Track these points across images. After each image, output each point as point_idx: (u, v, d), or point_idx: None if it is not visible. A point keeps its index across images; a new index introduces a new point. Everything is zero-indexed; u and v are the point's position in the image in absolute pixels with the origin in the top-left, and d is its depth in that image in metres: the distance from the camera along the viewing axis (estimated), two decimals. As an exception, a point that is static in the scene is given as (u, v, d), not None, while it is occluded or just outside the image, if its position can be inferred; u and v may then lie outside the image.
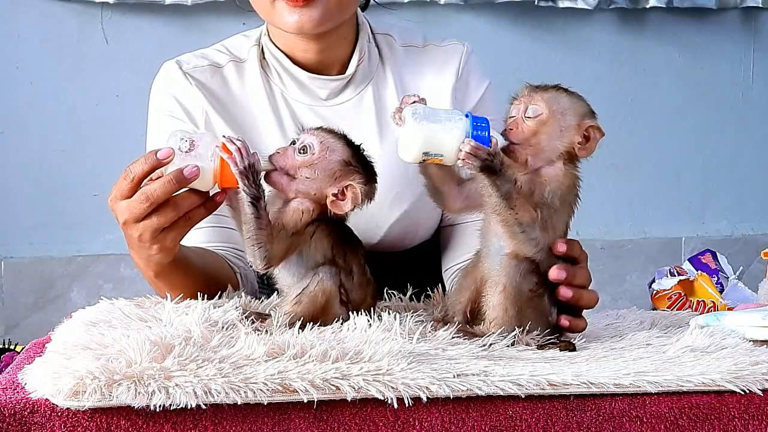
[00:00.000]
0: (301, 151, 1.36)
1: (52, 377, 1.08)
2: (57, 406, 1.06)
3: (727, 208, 3.70)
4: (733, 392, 1.17)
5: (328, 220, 1.36)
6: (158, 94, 1.71)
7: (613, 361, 1.24)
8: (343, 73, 1.70)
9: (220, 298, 1.48)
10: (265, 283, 1.58)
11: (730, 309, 1.83)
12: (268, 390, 1.08)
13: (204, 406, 1.07)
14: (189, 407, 1.06)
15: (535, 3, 3.42)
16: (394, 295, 1.58)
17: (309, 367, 1.12)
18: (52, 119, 3.24)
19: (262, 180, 1.34)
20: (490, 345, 1.27)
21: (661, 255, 3.58)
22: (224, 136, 1.34)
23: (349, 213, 1.37)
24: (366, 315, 1.32)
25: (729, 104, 3.66)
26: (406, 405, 1.10)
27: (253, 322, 1.33)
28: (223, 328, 1.29)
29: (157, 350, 1.13)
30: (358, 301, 1.38)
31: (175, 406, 1.06)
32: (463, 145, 1.29)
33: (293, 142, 1.38)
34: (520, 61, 3.44)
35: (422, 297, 1.59)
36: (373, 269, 1.41)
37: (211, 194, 1.37)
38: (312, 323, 1.31)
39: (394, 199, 1.67)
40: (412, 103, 1.35)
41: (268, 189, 1.36)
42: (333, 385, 1.10)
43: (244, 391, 1.08)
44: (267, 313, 1.39)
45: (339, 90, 1.70)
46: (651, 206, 3.66)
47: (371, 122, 1.70)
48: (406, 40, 1.77)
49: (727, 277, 2.42)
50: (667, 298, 2.19)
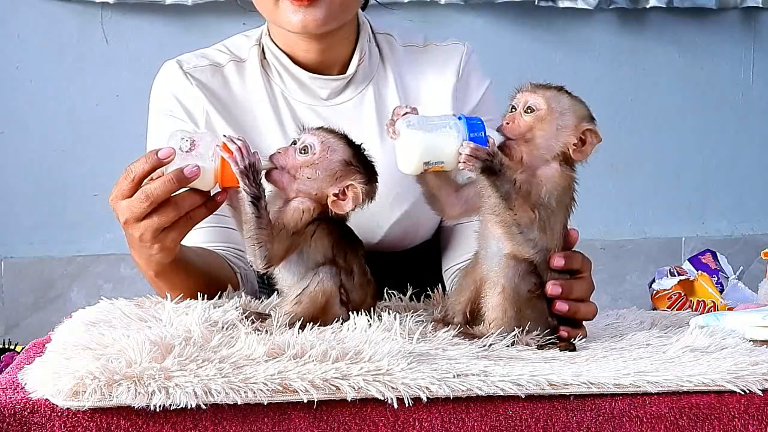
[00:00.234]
0: (302, 151, 1.36)
1: (52, 377, 1.08)
2: (57, 406, 1.06)
3: (727, 208, 3.70)
4: (733, 392, 1.17)
5: (328, 219, 1.36)
6: (159, 94, 1.71)
7: (613, 361, 1.24)
8: (344, 72, 1.70)
9: (220, 298, 1.48)
10: (265, 283, 1.58)
11: (730, 309, 1.83)
12: (268, 390, 1.08)
13: (204, 406, 1.07)
14: (189, 407, 1.06)
15: (535, 3, 3.42)
16: (394, 295, 1.58)
17: (309, 367, 1.12)
18: (52, 119, 3.24)
19: (263, 179, 1.34)
20: (490, 345, 1.27)
21: (661, 255, 3.57)
22: (225, 135, 1.34)
23: (349, 213, 1.37)
24: (366, 315, 1.32)
25: (729, 104, 3.66)
26: (406, 405, 1.10)
27: (253, 322, 1.33)
28: (223, 328, 1.28)
29: (157, 350, 1.13)
30: (359, 301, 1.38)
31: (175, 406, 1.06)
32: (462, 148, 1.29)
33: (294, 142, 1.38)
34: (520, 61, 3.44)
35: (422, 297, 1.59)
36: (374, 269, 1.41)
37: (211, 194, 1.37)
38: (312, 323, 1.31)
39: (395, 199, 1.66)
40: (404, 115, 1.35)
41: (269, 188, 1.36)
42: (333, 385, 1.10)
43: (244, 391, 1.08)
44: (267, 313, 1.39)
45: (340, 90, 1.70)
46: (651, 206, 3.66)
47: (372, 122, 1.70)
48: (407, 40, 1.77)
49: (727, 277, 2.43)
50: (667, 298, 2.19)
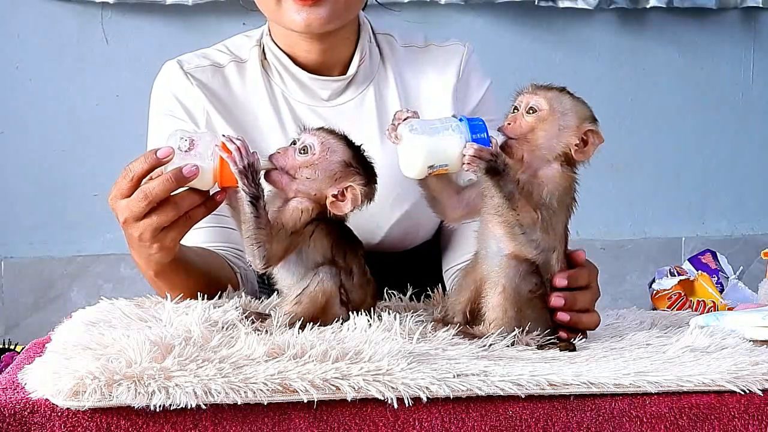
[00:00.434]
0: (302, 152, 1.36)
1: (52, 377, 1.08)
2: (57, 406, 1.06)
3: (727, 208, 3.70)
4: (733, 392, 1.17)
5: (327, 220, 1.36)
6: (159, 94, 1.71)
7: (613, 361, 1.24)
8: (345, 73, 1.70)
9: (220, 298, 1.48)
10: (265, 283, 1.58)
11: (730, 309, 1.83)
12: (268, 390, 1.08)
13: (204, 406, 1.07)
14: (189, 407, 1.06)
15: (535, 3, 3.42)
16: (394, 295, 1.58)
17: (309, 367, 1.12)
18: (52, 119, 3.24)
19: (262, 179, 1.34)
20: (490, 345, 1.27)
21: (661, 255, 3.57)
22: (224, 135, 1.34)
23: (348, 214, 1.37)
24: (366, 315, 1.32)
25: (729, 104, 3.66)
26: (406, 405, 1.10)
27: (253, 322, 1.33)
28: (223, 328, 1.28)
29: (157, 350, 1.13)
30: (358, 301, 1.38)
31: (175, 406, 1.06)
32: (465, 150, 1.29)
33: (294, 142, 1.38)
34: (520, 61, 3.44)
35: (422, 297, 1.59)
36: (373, 269, 1.41)
37: (211, 193, 1.37)
38: (312, 323, 1.31)
39: (395, 200, 1.66)
40: (405, 119, 1.35)
41: (268, 188, 1.36)
42: (333, 385, 1.09)
43: (244, 391, 1.08)
44: (267, 313, 1.39)
45: (340, 90, 1.70)
46: (651, 206, 3.66)
47: (372, 123, 1.69)
48: (407, 40, 1.77)
49: (727, 277, 2.43)
50: (667, 298, 2.19)
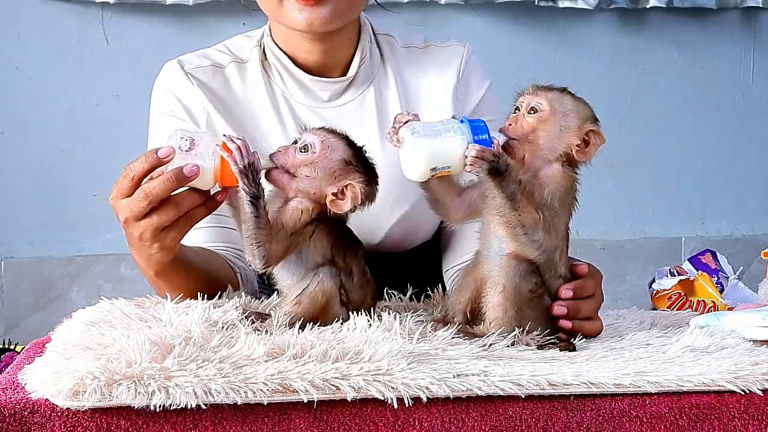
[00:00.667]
0: (302, 150, 1.36)
1: (52, 377, 1.08)
2: (57, 406, 1.06)
3: (727, 208, 3.70)
4: (733, 392, 1.17)
5: (327, 220, 1.36)
6: (160, 94, 1.71)
7: (613, 361, 1.24)
8: (345, 74, 1.70)
9: (220, 298, 1.48)
10: (265, 283, 1.58)
11: (730, 309, 1.83)
12: (268, 390, 1.08)
13: (204, 406, 1.07)
14: (189, 407, 1.06)
15: (535, 3, 3.42)
16: (394, 295, 1.58)
17: (309, 367, 1.12)
18: (52, 119, 3.24)
19: (263, 179, 1.34)
20: (490, 345, 1.27)
21: (661, 255, 3.57)
22: (224, 135, 1.34)
23: (349, 213, 1.37)
24: (366, 315, 1.32)
25: (729, 104, 3.66)
26: (406, 405, 1.10)
27: (253, 322, 1.33)
28: (223, 328, 1.28)
29: (157, 350, 1.13)
30: (358, 301, 1.38)
31: (175, 406, 1.06)
32: (468, 151, 1.29)
33: (295, 142, 1.39)
34: (520, 61, 3.44)
35: (422, 297, 1.59)
36: (373, 269, 1.41)
37: (211, 193, 1.37)
38: (312, 323, 1.31)
39: (395, 201, 1.66)
40: (406, 122, 1.35)
41: (269, 188, 1.36)
42: (333, 385, 1.09)
43: (244, 391, 1.08)
44: (267, 313, 1.39)
45: (341, 91, 1.70)
46: (651, 206, 3.66)
47: (373, 123, 1.69)
48: (408, 41, 1.77)
49: (727, 277, 2.43)
50: (667, 298, 2.19)
